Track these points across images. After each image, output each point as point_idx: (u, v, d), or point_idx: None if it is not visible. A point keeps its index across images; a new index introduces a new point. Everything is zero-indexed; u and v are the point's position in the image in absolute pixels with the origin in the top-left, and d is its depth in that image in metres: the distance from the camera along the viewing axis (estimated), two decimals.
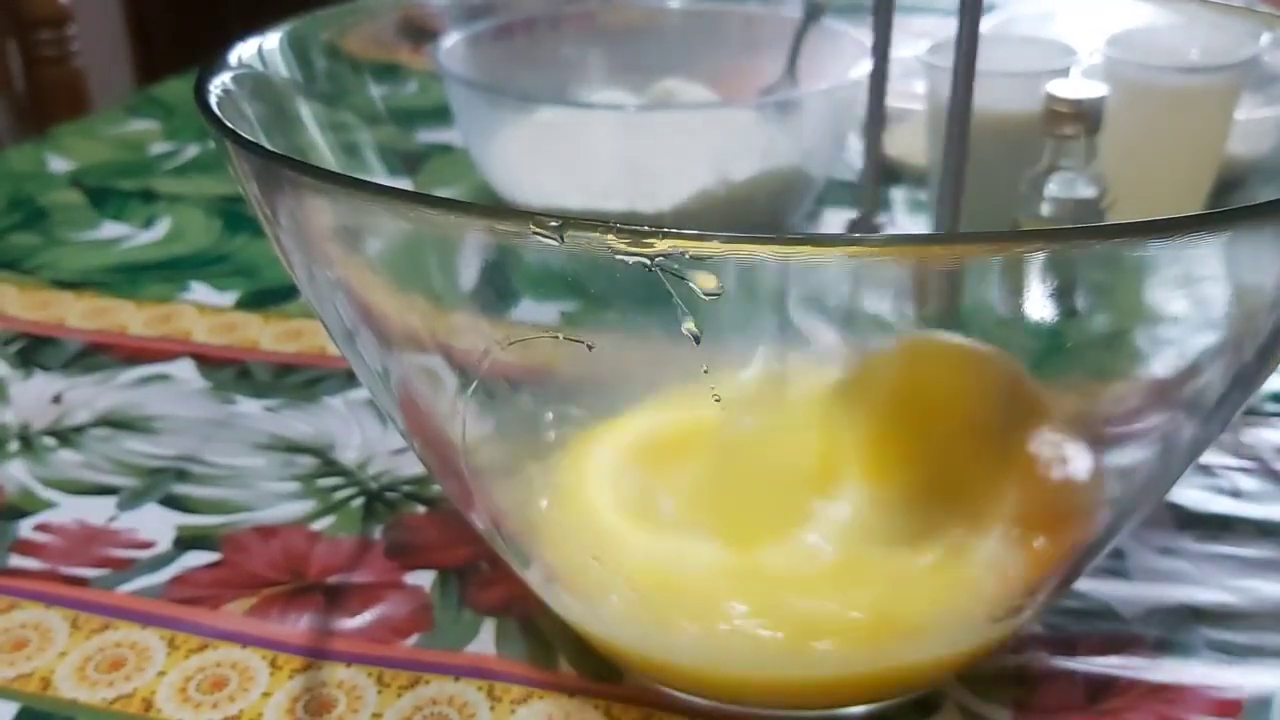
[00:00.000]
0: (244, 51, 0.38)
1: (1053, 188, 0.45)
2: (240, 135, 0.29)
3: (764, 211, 0.60)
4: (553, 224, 0.23)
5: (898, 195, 0.61)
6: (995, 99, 0.50)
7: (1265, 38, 0.39)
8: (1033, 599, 0.34)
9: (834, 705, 0.37)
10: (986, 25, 0.40)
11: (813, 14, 0.61)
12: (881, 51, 0.46)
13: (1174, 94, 0.48)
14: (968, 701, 0.36)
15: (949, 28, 0.42)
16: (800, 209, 0.62)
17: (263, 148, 0.29)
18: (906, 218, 0.60)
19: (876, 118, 0.46)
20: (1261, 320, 0.28)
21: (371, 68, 0.46)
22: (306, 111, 0.42)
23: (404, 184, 0.50)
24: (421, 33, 0.58)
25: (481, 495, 0.33)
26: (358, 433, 0.49)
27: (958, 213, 0.41)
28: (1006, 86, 0.51)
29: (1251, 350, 0.29)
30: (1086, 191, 0.45)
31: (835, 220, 0.63)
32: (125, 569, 0.41)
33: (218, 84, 0.35)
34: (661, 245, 0.22)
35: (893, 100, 0.59)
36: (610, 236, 0.22)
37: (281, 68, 0.40)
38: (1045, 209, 0.45)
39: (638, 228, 0.22)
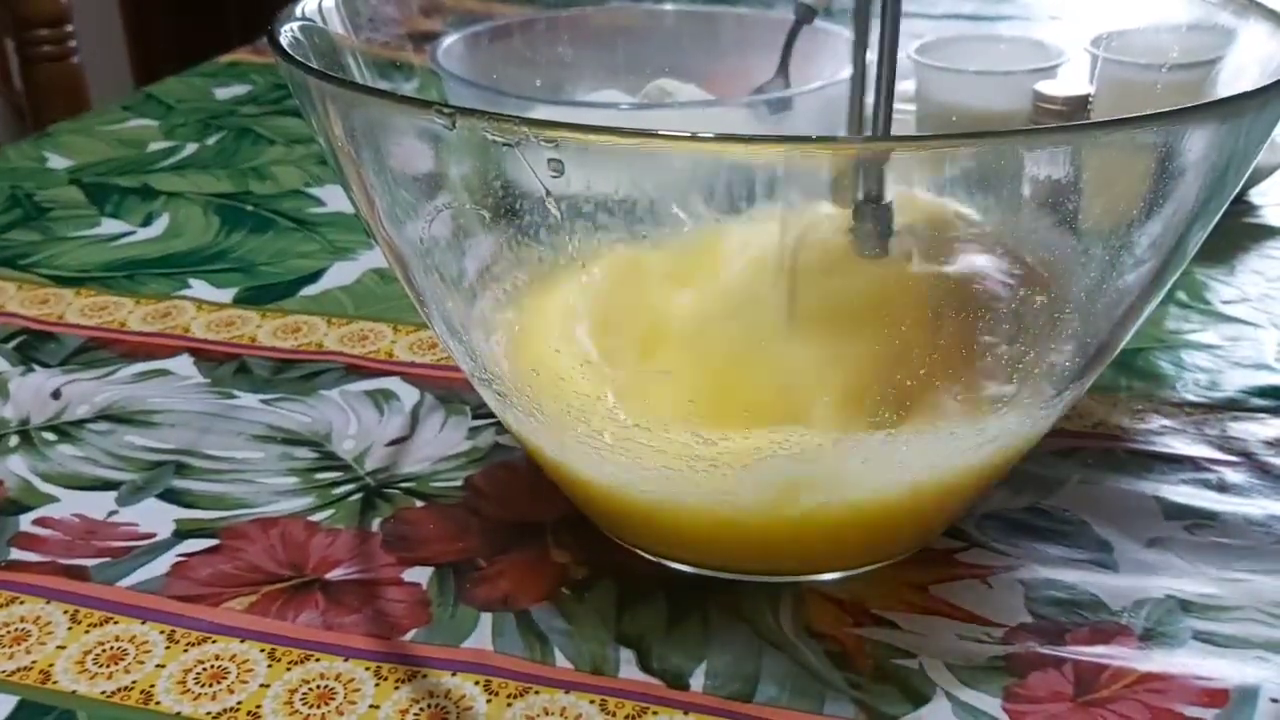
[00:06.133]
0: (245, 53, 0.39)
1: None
2: (335, 76, 0.33)
3: None
4: (446, 111, 0.29)
5: None
6: (983, 98, 0.51)
7: (1243, 33, 0.40)
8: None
9: (836, 560, 0.40)
10: (974, 27, 0.41)
11: (804, 17, 0.62)
12: (860, 54, 0.46)
13: (1158, 91, 0.48)
14: (957, 691, 0.36)
15: (939, 28, 0.42)
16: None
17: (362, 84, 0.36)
18: None
19: (856, 120, 0.46)
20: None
21: (374, 65, 0.46)
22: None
23: None
24: (422, 32, 0.59)
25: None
26: (354, 423, 0.49)
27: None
28: (994, 86, 0.51)
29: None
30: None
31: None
32: (124, 556, 0.42)
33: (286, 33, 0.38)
34: (519, 131, 0.28)
35: None
36: (484, 123, 0.29)
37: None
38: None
39: (506, 115, 0.29)
